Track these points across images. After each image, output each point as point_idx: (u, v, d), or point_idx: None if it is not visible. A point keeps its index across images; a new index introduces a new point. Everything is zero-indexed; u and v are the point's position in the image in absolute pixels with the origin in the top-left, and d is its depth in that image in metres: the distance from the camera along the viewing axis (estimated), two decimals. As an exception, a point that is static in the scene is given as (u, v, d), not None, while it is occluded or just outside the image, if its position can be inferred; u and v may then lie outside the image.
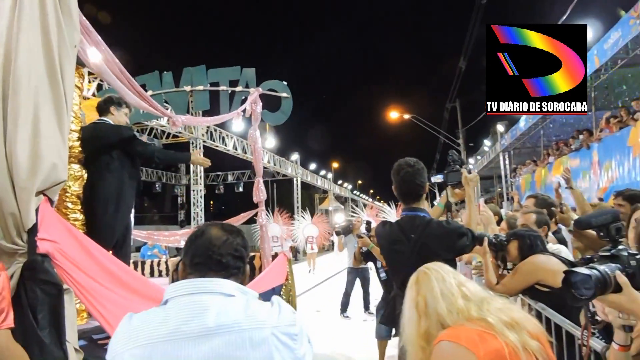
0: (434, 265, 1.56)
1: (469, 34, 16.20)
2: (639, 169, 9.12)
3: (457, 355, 1.26)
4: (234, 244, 1.35)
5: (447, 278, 1.46)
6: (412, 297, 1.49)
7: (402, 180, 2.47)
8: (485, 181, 30.79)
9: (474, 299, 1.38)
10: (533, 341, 1.27)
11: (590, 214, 1.46)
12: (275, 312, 1.29)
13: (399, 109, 22.71)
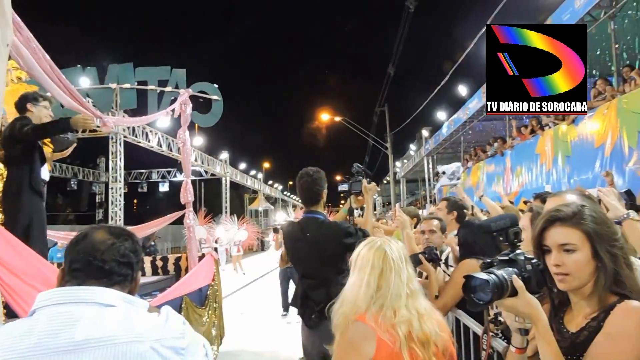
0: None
1: (397, 40, 16.76)
2: (545, 174, 9.89)
3: (362, 330, 1.59)
4: (121, 249, 1.22)
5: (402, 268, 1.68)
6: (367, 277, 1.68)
7: (302, 187, 2.89)
8: (410, 184, 32.08)
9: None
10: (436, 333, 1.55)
11: (490, 219, 1.49)
12: (160, 323, 1.15)
13: (331, 112, 23.03)
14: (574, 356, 1.30)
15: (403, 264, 1.68)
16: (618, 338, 1.22)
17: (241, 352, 5.93)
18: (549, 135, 9.78)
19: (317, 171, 2.91)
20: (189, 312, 4.33)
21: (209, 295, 4.95)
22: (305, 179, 2.88)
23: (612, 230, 1.36)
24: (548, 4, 9.26)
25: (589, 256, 1.32)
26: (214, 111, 5.20)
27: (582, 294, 1.35)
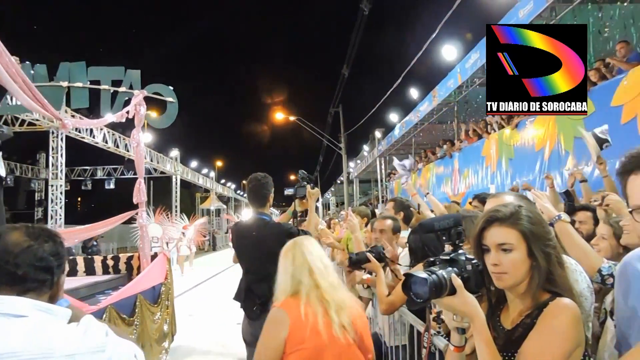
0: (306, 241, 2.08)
1: (352, 42, 16.93)
2: (490, 176, 10.29)
3: (278, 315, 1.89)
4: (38, 252, 1.12)
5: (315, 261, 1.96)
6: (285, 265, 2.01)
7: (250, 190, 3.23)
8: (363, 184, 32.50)
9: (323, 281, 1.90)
10: (344, 318, 1.83)
11: (434, 218, 1.51)
12: (77, 336, 1.05)
13: (286, 111, 22.95)
14: (509, 352, 1.34)
15: (318, 260, 1.97)
16: (549, 334, 1.27)
17: (192, 349, 5.93)
18: (494, 139, 10.19)
19: (265, 177, 3.25)
20: (143, 309, 4.49)
21: (162, 293, 5.12)
22: (254, 183, 3.21)
23: (547, 230, 1.42)
24: (495, 11, 9.66)
25: (525, 255, 1.36)
26: (168, 113, 5.21)
27: (517, 292, 1.39)
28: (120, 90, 5.04)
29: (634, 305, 1.29)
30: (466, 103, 13.02)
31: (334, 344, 1.79)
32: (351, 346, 1.81)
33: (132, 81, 5.08)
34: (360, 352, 1.86)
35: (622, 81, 6.19)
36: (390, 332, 2.79)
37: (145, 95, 5.05)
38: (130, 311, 4.26)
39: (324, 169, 43.08)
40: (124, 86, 5.04)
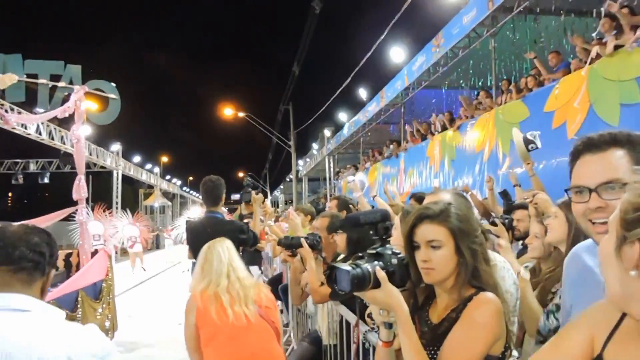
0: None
1: (303, 40, 16.90)
2: (433, 176, 10.62)
3: (191, 304, 2.33)
4: (33, 239, 1.26)
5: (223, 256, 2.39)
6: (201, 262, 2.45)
7: (205, 191, 3.63)
8: (312, 182, 32.62)
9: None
10: (243, 307, 2.25)
11: (361, 212, 1.51)
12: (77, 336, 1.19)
13: (235, 107, 22.53)
14: (435, 346, 1.36)
15: (227, 260, 2.36)
16: (471, 326, 1.30)
17: (133, 345, 5.90)
18: (437, 140, 10.52)
19: (218, 179, 3.69)
20: (85, 305, 4.60)
21: (103, 289, 5.24)
22: (209, 184, 3.64)
23: (474, 228, 1.45)
24: (441, 16, 9.96)
25: (452, 252, 1.39)
26: (110, 110, 5.19)
27: (445, 287, 1.42)
28: (59, 85, 4.94)
29: (565, 297, 1.34)
30: (412, 104, 13.36)
31: (226, 327, 2.22)
32: (247, 328, 2.24)
33: (72, 76, 4.99)
34: (268, 325, 2.33)
35: (554, 89, 6.57)
36: (330, 331, 2.80)
37: (87, 92, 5.02)
38: (72, 307, 4.34)
39: (273, 166, 42.84)
40: (64, 81, 4.94)
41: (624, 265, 0.76)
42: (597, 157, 1.10)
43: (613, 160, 1.08)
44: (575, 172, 1.16)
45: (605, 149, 1.10)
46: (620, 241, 0.76)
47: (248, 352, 2.24)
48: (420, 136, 11.82)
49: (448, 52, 9.43)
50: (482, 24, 8.20)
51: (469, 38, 8.82)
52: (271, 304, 2.42)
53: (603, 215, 1.04)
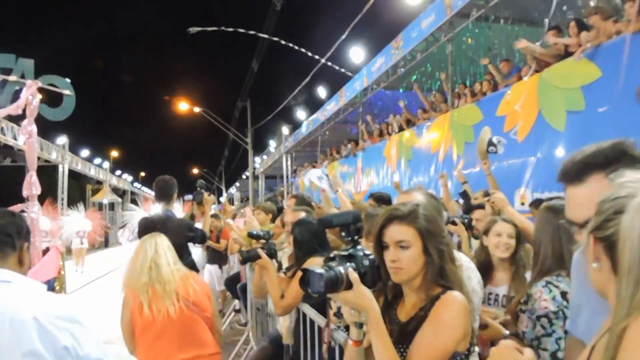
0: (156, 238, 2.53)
1: (262, 37, 16.72)
2: (390, 176, 10.82)
3: (126, 299, 2.43)
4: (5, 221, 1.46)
5: (149, 252, 2.45)
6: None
7: (158, 190, 3.92)
8: (269, 180, 32.41)
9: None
10: (172, 301, 2.32)
11: (333, 214, 1.52)
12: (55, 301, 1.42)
13: (191, 102, 21.99)
14: (404, 344, 1.39)
15: (155, 257, 2.41)
16: (440, 324, 1.34)
17: None
18: (394, 140, 10.73)
19: (171, 179, 3.96)
20: None
21: (55, 287, 5.25)
22: (162, 184, 3.91)
23: (441, 228, 1.49)
24: (401, 19, 10.16)
25: (420, 252, 1.43)
26: (64, 106, 5.00)
27: (413, 286, 1.46)
28: (10, 79, 4.76)
29: (574, 297, 1.37)
30: (370, 105, 13.54)
31: (152, 324, 2.32)
32: (170, 323, 2.32)
33: (24, 70, 4.81)
34: (196, 315, 2.41)
35: (506, 94, 6.86)
36: (290, 332, 2.78)
37: (40, 87, 4.79)
38: None
39: (229, 163, 42.23)
40: (15, 75, 4.77)
41: (589, 259, 0.88)
42: (579, 191, 1.12)
43: (592, 193, 1.07)
44: (566, 204, 1.18)
45: (583, 179, 1.11)
46: (587, 237, 0.88)
47: (174, 347, 2.34)
48: (378, 136, 12.01)
49: (407, 54, 9.63)
50: (440, 29, 8.43)
51: (427, 42, 9.04)
52: (202, 294, 2.48)
53: None
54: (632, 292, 0.75)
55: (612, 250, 0.82)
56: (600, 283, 0.88)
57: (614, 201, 0.84)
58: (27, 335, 1.25)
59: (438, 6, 8.12)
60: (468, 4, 7.42)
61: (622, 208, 0.80)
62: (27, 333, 1.25)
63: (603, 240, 0.84)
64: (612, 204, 0.84)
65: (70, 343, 1.32)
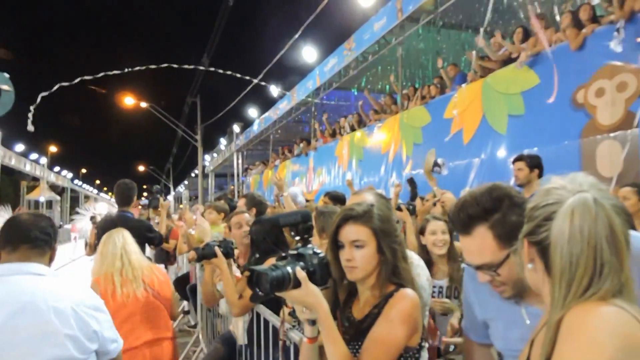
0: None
1: (214, 32, 16.41)
2: (341, 175, 10.95)
3: (93, 287, 2.42)
4: (42, 223, 1.72)
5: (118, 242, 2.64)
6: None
7: (119, 192, 4.13)
8: (219, 179, 31.86)
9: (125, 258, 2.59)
10: (137, 288, 2.52)
11: (281, 214, 1.53)
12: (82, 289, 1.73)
13: (137, 96, 21.17)
14: (358, 341, 1.42)
15: (121, 249, 2.59)
16: (393, 321, 1.38)
17: None
18: (346, 141, 10.87)
19: (131, 182, 4.20)
20: None
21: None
22: (122, 187, 4.14)
23: (394, 228, 1.54)
24: (354, 21, 10.29)
25: (374, 251, 1.46)
26: (3, 101, 4.97)
27: (367, 284, 1.49)
28: None
29: (476, 309, 1.46)
30: (323, 105, 13.63)
31: (124, 306, 2.47)
32: (144, 305, 2.51)
33: None
34: (159, 302, 2.62)
35: (453, 97, 7.13)
36: (244, 333, 2.76)
37: None
38: None
39: (177, 160, 41.05)
40: None
41: (524, 260, 0.96)
42: (468, 241, 1.20)
43: (480, 244, 1.16)
44: (463, 248, 1.26)
45: (469, 231, 1.18)
46: (521, 240, 0.96)
47: (140, 329, 2.53)
48: (330, 136, 12.11)
49: (359, 56, 9.78)
50: (391, 32, 8.63)
51: (379, 44, 9.22)
52: (165, 284, 2.73)
53: (494, 284, 1.20)
54: (564, 292, 0.84)
55: (545, 254, 0.90)
56: (535, 282, 0.96)
57: (543, 208, 0.91)
58: (68, 321, 1.56)
59: (390, 9, 8.30)
60: (418, 8, 7.65)
61: (551, 215, 0.88)
62: (68, 320, 1.56)
63: (536, 244, 0.92)
64: (542, 211, 0.91)
65: (98, 328, 1.64)
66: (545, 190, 0.94)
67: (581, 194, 0.87)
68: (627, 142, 4.39)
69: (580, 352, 0.76)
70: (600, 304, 0.80)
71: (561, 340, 0.81)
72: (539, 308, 1.21)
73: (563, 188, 0.91)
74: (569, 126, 5.16)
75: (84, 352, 1.58)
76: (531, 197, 0.99)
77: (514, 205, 1.15)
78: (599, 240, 0.83)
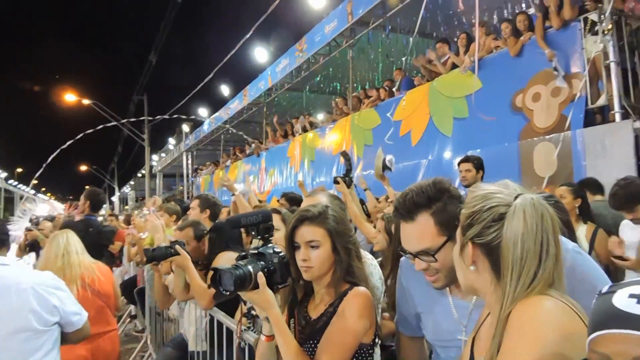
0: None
1: (162, 29, 15.95)
2: (293, 176, 10.97)
3: None
4: (2, 226, 2.14)
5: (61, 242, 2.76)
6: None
7: (93, 200, 4.42)
8: (167, 179, 30.96)
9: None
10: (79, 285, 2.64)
11: (242, 214, 1.54)
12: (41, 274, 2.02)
13: (79, 93, 20.17)
14: (314, 340, 1.46)
15: (63, 241, 2.74)
16: (347, 319, 1.43)
17: None
18: (298, 142, 10.91)
19: (102, 193, 4.80)
20: None
21: None
22: (95, 194, 4.53)
23: (349, 228, 1.59)
24: (305, 23, 10.35)
25: (330, 251, 1.51)
26: None
27: (323, 283, 1.53)
28: None
29: (411, 304, 1.55)
30: (275, 105, 13.60)
31: None
32: (82, 303, 2.45)
33: None
34: (99, 300, 2.73)
35: (402, 100, 7.35)
36: (196, 337, 2.73)
37: None
38: None
39: (123, 160, 39.47)
40: None
41: (465, 263, 1.01)
42: (410, 227, 1.28)
43: (421, 229, 1.25)
44: (400, 233, 1.34)
45: (413, 217, 1.27)
46: (462, 245, 1.02)
47: None
48: (282, 136, 12.10)
49: (310, 57, 9.85)
50: (341, 35, 8.77)
51: (330, 46, 9.33)
52: (106, 282, 2.84)
53: (428, 273, 1.28)
54: (514, 285, 0.92)
55: (491, 253, 0.97)
56: (474, 283, 1.03)
57: (489, 211, 0.98)
58: (28, 299, 1.84)
59: (340, 12, 8.43)
60: (368, 12, 7.82)
61: (500, 216, 0.96)
62: (28, 297, 1.84)
63: (483, 245, 0.98)
64: (488, 213, 0.98)
65: (58, 303, 1.93)
66: (483, 196, 1.00)
67: (524, 196, 0.96)
68: (560, 143, 4.72)
69: (526, 341, 0.84)
70: (542, 298, 0.89)
71: (509, 332, 0.89)
72: (465, 301, 1.32)
73: (500, 192, 0.99)
74: (509, 129, 5.47)
75: (45, 324, 1.88)
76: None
77: (453, 197, 1.27)
78: (545, 235, 0.92)
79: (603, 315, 0.67)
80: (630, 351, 0.62)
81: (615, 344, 0.64)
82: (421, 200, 1.26)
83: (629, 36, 4.59)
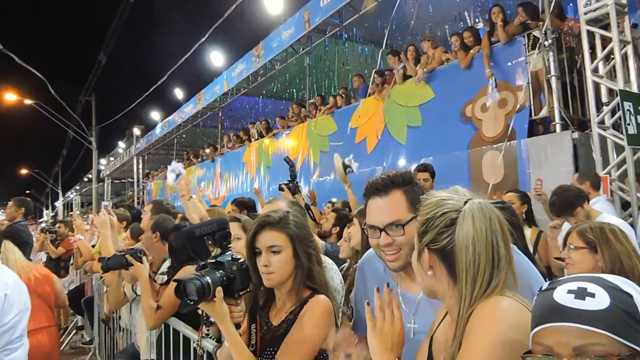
0: None
1: (112, 28, 15.39)
2: (249, 181, 10.88)
3: None
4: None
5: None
6: None
7: (26, 207, 4.58)
8: (116, 184, 29.79)
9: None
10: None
11: (196, 225, 1.54)
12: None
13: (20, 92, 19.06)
14: (275, 347, 1.47)
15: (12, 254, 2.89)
16: (307, 326, 1.45)
17: None
18: (254, 147, 10.83)
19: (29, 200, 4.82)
20: None
21: None
22: (28, 202, 4.62)
23: (309, 233, 1.61)
24: (262, 28, 10.33)
25: (290, 256, 1.52)
26: None
27: (284, 289, 1.54)
28: None
29: (361, 291, 1.59)
30: (231, 110, 13.45)
31: None
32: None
33: None
34: (37, 298, 2.70)
35: (357, 108, 7.48)
36: (149, 346, 2.64)
37: None
38: None
39: (69, 163, 37.57)
40: None
41: (423, 268, 1.05)
42: (383, 201, 1.36)
43: (394, 202, 1.33)
44: (368, 211, 1.40)
45: (388, 192, 1.36)
46: (419, 252, 1.06)
47: None
48: (238, 142, 11.98)
49: (267, 63, 9.83)
50: (298, 42, 8.82)
51: (287, 53, 9.36)
52: (43, 281, 2.99)
53: (391, 249, 1.33)
54: (471, 288, 0.96)
55: (447, 258, 1.01)
56: (433, 286, 1.06)
57: (441, 217, 1.02)
58: None
59: (297, 20, 8.49)
60: (324, 21, 7.93)
61: (451, 222, 1.00)
62: None
63: (438, 251, 1.02)
64: (440, 220, 1.02)
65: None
66: (435, 203, 1.04)
67: (472, 201, 1.01)
68: (506, 152, 4.97)
69: (485, 340, 0.89)
70: (500, 299, 0.94)
71: (470, 331, 0.93)
72: (412, 293, 1.37)
73: (451, 198, 1.04)
74: (459, 137, 5.70)
75: None
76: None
77: (418, 187, 1.39)
78: (494, 238, 0.97)
79: (545, 310, 0.73)
80: (570, 342, 0.68)
81: (557, 335, 0.70)
82: (397, 179, 1.35)
83: (567, 52, 4.92)
